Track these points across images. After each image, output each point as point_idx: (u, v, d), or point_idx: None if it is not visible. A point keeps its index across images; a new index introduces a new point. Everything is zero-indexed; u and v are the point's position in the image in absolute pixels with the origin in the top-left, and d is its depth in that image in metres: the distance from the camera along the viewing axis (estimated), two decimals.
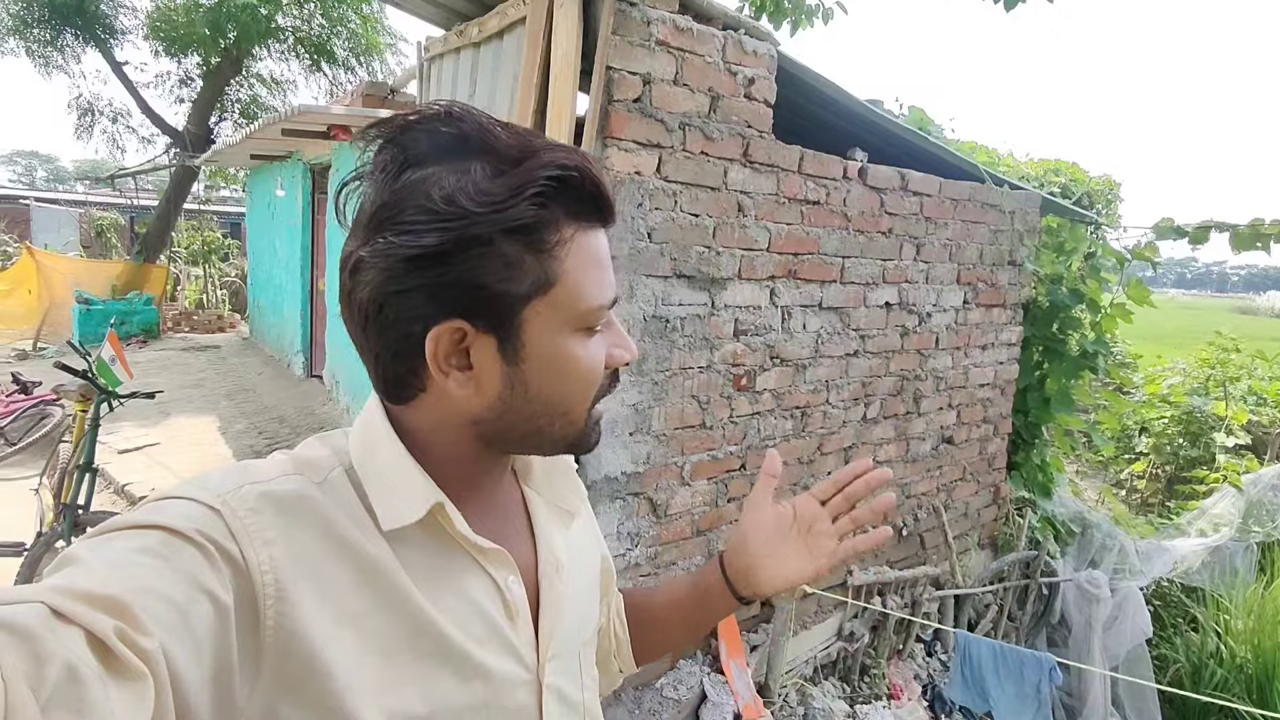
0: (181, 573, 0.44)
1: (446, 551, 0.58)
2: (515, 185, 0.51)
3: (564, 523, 0.70)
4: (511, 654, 0.60)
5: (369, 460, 0.57)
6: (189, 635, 0.43)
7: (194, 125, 10.50)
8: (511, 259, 0.52)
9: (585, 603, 0.71)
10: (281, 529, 0.51)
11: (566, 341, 0.56)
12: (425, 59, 3.37)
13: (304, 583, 0.50)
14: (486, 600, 0.59)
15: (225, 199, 18.36)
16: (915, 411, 3.13)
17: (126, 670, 0.38)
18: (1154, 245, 3.74)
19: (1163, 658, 4.10)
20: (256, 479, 0.53)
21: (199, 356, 8.59)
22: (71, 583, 0.40)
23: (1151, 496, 6.36)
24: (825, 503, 0.76)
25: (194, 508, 0.48)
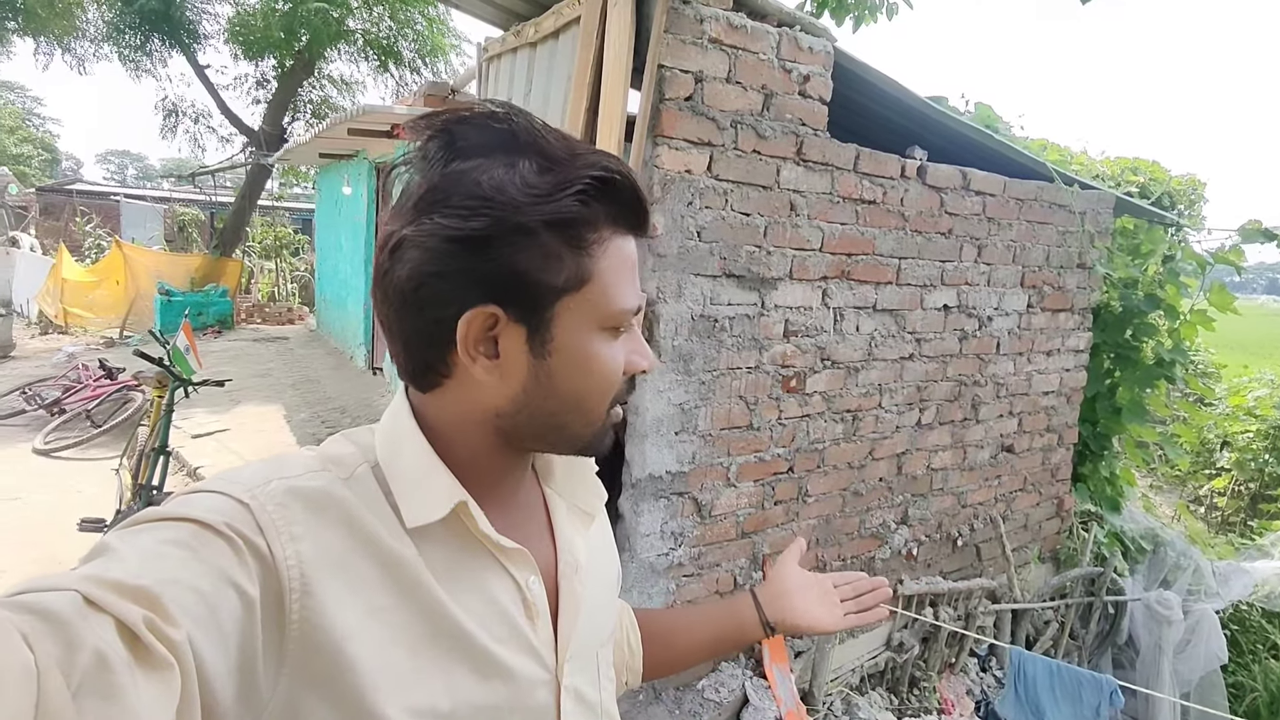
0: (210, 565, 0.45)
1: (469, 550, 0.59)
2: (561, 181, 0.53)
3: (584, 524, 0.71)
4: (531, 654, 0.60)
5: (394, 458, 0.58)
6: (215, 627, 0.43)
7: (269, 125, 10.95)
8: (551, 251, 0.54)
9: (603, 604, 0.72)
10: (308, 524, 0.51)
11: (593, 340, 0.57)
12: (484, 59, 3.43)
13: (329, 578, 0.51)
14: (507, 600, 0.60)
15: (298, 196, 19.09)
16: (974, 418, 3.03)
17: (154, 659, 0.39)
18: (1239, 249, 3.52)
19: (1239, 685, 3.86)
20: (285, 474, 0.54)
21: (268, 347, 8.96)
22: (104, 572, 0.41)
23: (1233, 515, 6.01)
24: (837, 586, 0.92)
25: (224, 501, 0.49)
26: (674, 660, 0.89)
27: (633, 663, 0.86)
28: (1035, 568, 3.47)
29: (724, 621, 0.88)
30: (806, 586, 0.90)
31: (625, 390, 0.62)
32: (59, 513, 4.05)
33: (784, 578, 0.91)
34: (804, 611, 0.87)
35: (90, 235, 13.56)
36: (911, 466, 2.87)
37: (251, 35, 10.06)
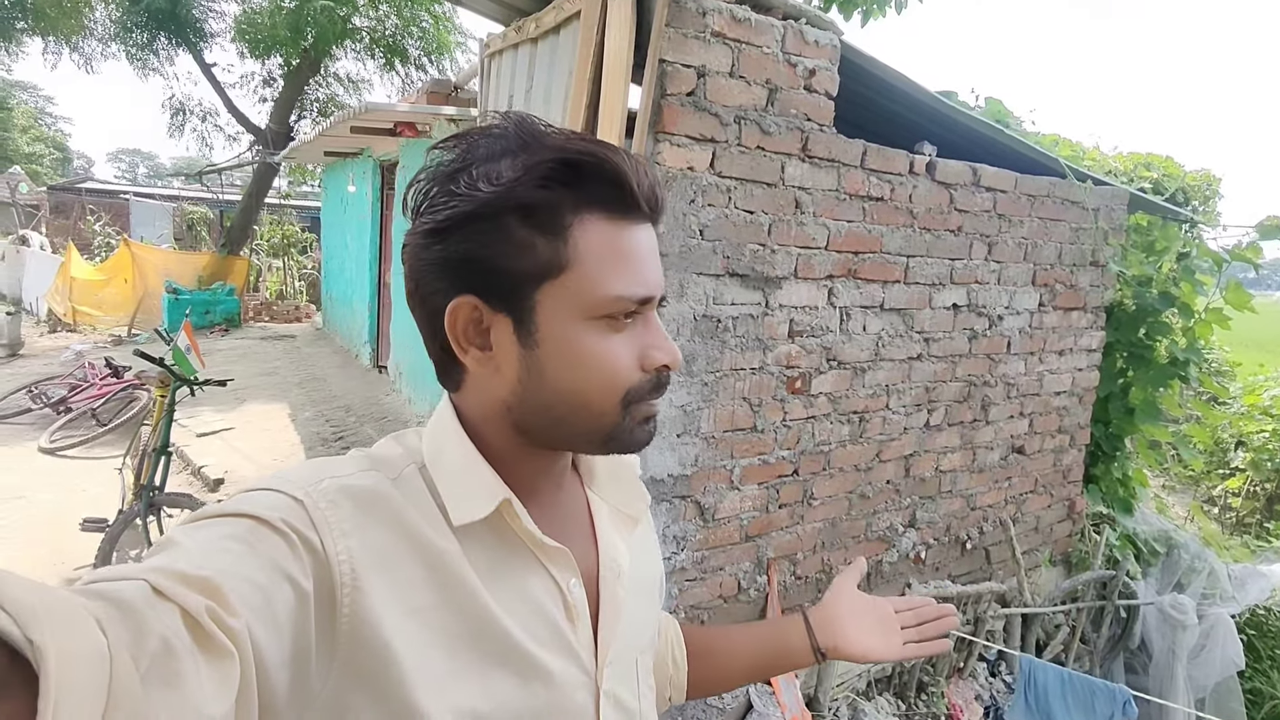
0: (266, 559, 0.47)
1: (511, 550, 0.60)
2: (523, 167, 0.54)
3: (627, 528, 0.71)
4: (571, 656, 0.61)
5: (439, 458, 0.60)
6: (271, 618, 0.45)
7: (275, 123, 10.96)
8: (520, 239, 0.55)
9: (644, 609, 0.71)
10: (357, 522, 0.53)
11: (580, 330, 0.56)
12: (485, 56, 3.39)
13: (376, 574, 0.52)
14: (548, 601, 0.60)
15: (306, 194, 19.14)
16: (983, 419, 2.97)
17: (216, 647, 0.40)
18: (1257, 246, 3.45)
19: (1256, 692, 3.79)
20: (336, 474, 0.55)
21: (275, 346, 8.97)
22: (170, 563, 0.43)
23: (1248, 516, 5.92)
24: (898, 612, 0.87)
25: (280, 498, 0.51)
26: (718, 679, 0.88)
27: (677, 678, 0.86)
28: (1046, 571, 3.41)
29: (772, 643, 0.86)
30: (863, 611, 0.86)
31: (648, 386, 0.60)
32: (63, 512, 4.05)
33: (839, 601, 0.87)
34: (858, 639, 0.84)
35: (100, 234, 13.63)
36: (920, 468, 2.81)
37: (258, 33, 10.06)
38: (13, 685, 0.31)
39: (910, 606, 0.88)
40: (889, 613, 0.86)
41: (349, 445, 5.11)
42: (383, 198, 7.13)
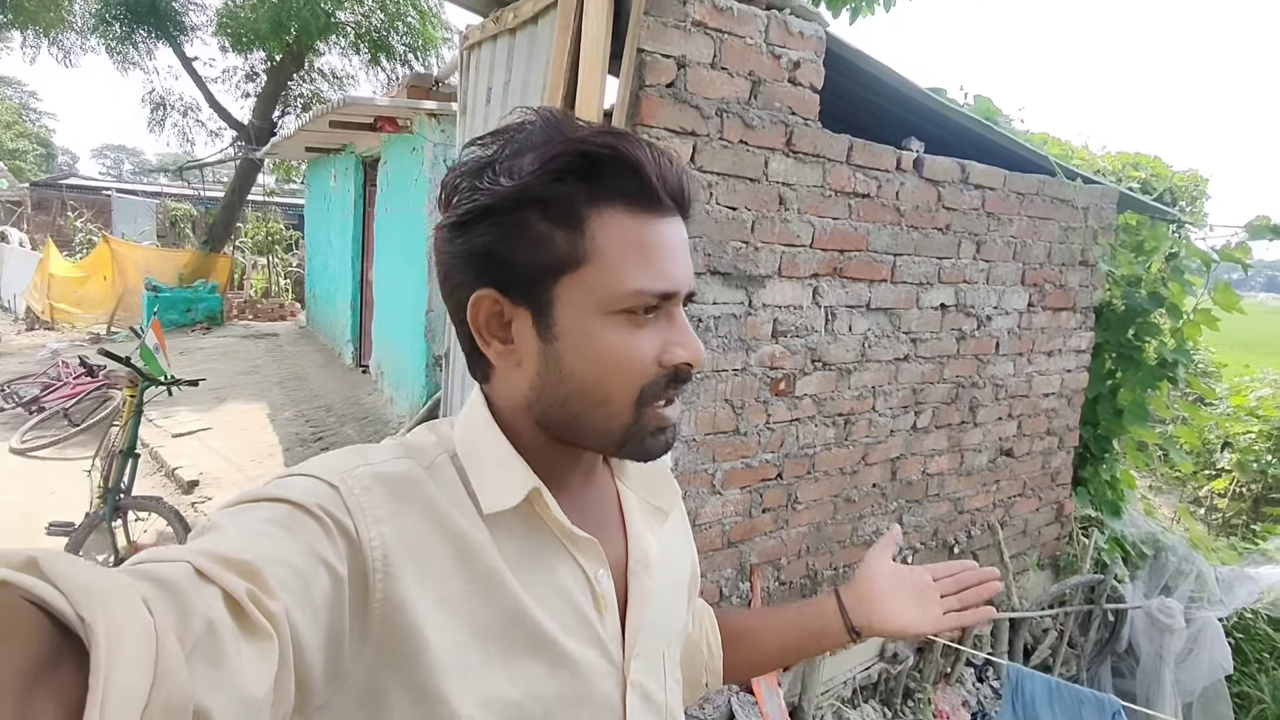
0: (304, 543, 0.47)
1: (540, 540, 0.60)
2: (540, 160, 0.54)
3: (656, 521, 0.71)
4: (598, 646, 0.61)
5: (471, 447, 0.61)
6: (309, 601, 0.46)
7: (258, 119, 10.81)
8: (537, 232, 0.55)
9: (672, 602, 0.71)
10: (390, 509, 0.53)
11: (598, 323, 0.56)
12: (464, 48, 3.31)
13: (408, 561, 0.52)
14: (577, 590, 0.60)
15: (294, 191, 18.96)
16: (971, 421, 2.92)
17: (256, 629, 0.41)
18: (1246, 246, 3.41)
19: (1244, 695, 3.76)
20: (370, 461, 0.56)
21: (257, 344, 8.84)
22: (212, 546, 0.43)
23: (1234, 517, 5.91)
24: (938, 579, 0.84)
25: (316, 484, 0.52)
26: (752, 663, 0.88)
27: (712, 664, 0.86)
28: (1034, 575, 3.37)
29: (804, 624, 0.84)
30: (899, 584, 0.83)
31: (665, 384, 0.58)
32: (33, 514, 3.93)
33: (873, 576, 0.84)
34: (895, 614, 0.81)
35: (80, 230, 13.43)
36: (906, 472, 2.75)
37: (239, 27, 9.91)
38: (65, 661, 0.31)
39: (949, 573, 0.84)
40: (927, 582, 0.83)
41: (328, 446, 5.02)
42: (365, 194, 7.02)
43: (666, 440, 0.61)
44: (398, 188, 5.60)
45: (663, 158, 0.57)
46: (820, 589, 2.56)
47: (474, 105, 3.20)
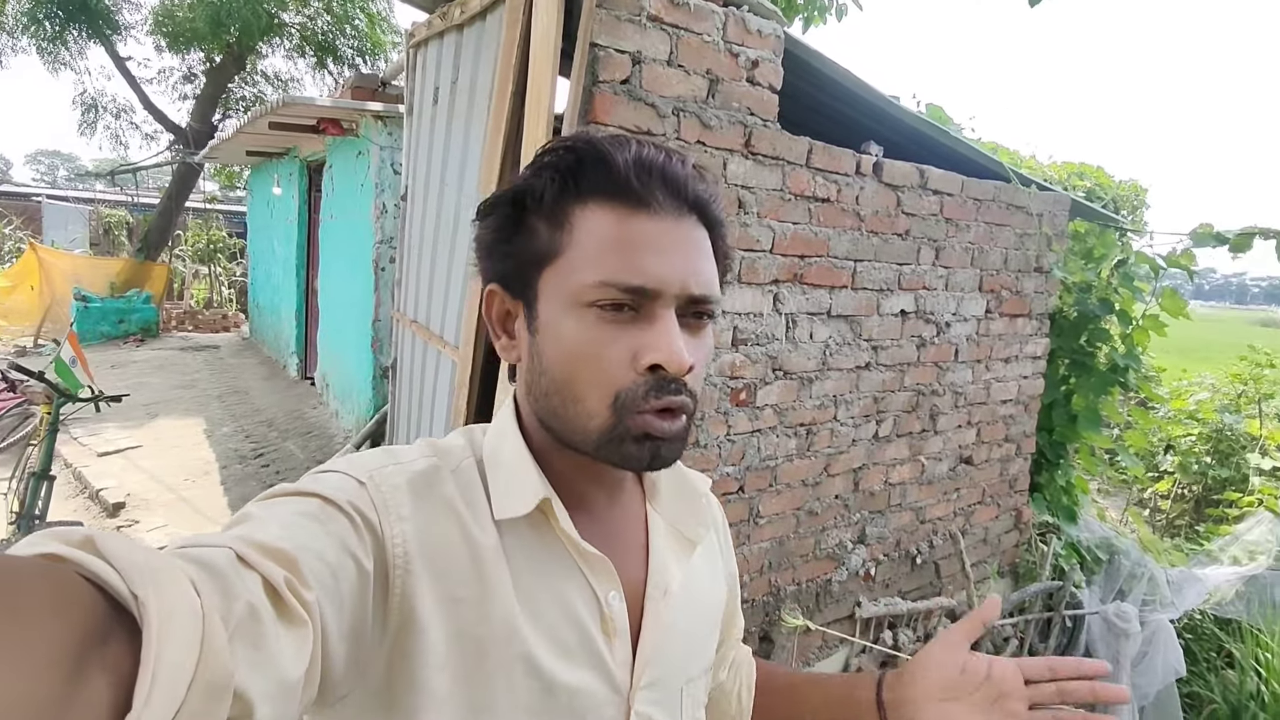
0: (335, 537, 0.49)
1: (552, 553, 0.59)
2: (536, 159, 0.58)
3: (684, 550, 0.68)
4: (600, 670, 0.59)
5: (495, 453, 0.61)
6: (337, 594, 0.47)
7: (197, 122, 10.39)
8: (527, 226, 0.57)
9: (696, 637, 0.68)
10: (414, 507, 0.54)
11: (570, 316, 0.56)
12: (410, 46, 3.17)
13: (426, 560, 0.53)
14: (584, 610, 0.59)
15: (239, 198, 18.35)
16: (932, 429, 2.88)
17: (293, 616, 0.42)
18: (1190, 253, 3.47)
19: (1195, 696, 3.81)
20: (399, 460, 0.57)
21: (196, 356, 8.45)
22: (250, 533, 0.44)
23: (1178, 518, 6.06)
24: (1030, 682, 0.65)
25: (346, 480, 0.53)
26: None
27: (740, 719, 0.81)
28: (995, 583, 3.35)
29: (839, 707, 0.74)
30: (962, 689, 0.64)
31: (642, 389, 0.55)
32: None
33: (928, 668, 0.66)
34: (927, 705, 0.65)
35: (9, 238, 12.73)
36: (869, 482, 2.70)
37: (176, 27, 9.52)
38: (117, 635, 0.32)
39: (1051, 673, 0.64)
40: (1011, 687, 0.63)
41: (269, 463, 4.78)
42: (309, 200, 6.78)
43: (654, 451, 0.56)
44: (343, 193, 5.40)
45: (658, 156, 0.56)
46: (783, 606, 2.48)
47: (421, 106, 3.06)
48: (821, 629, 2.56)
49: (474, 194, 2.37)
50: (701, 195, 0.58)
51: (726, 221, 0.63)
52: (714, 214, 0.60)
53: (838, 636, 2.66)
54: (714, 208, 0.60)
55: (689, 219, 0.58)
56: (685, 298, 0.56)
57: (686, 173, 0.58)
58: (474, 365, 2.29)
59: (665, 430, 0.56)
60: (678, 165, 0.57)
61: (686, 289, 0.56)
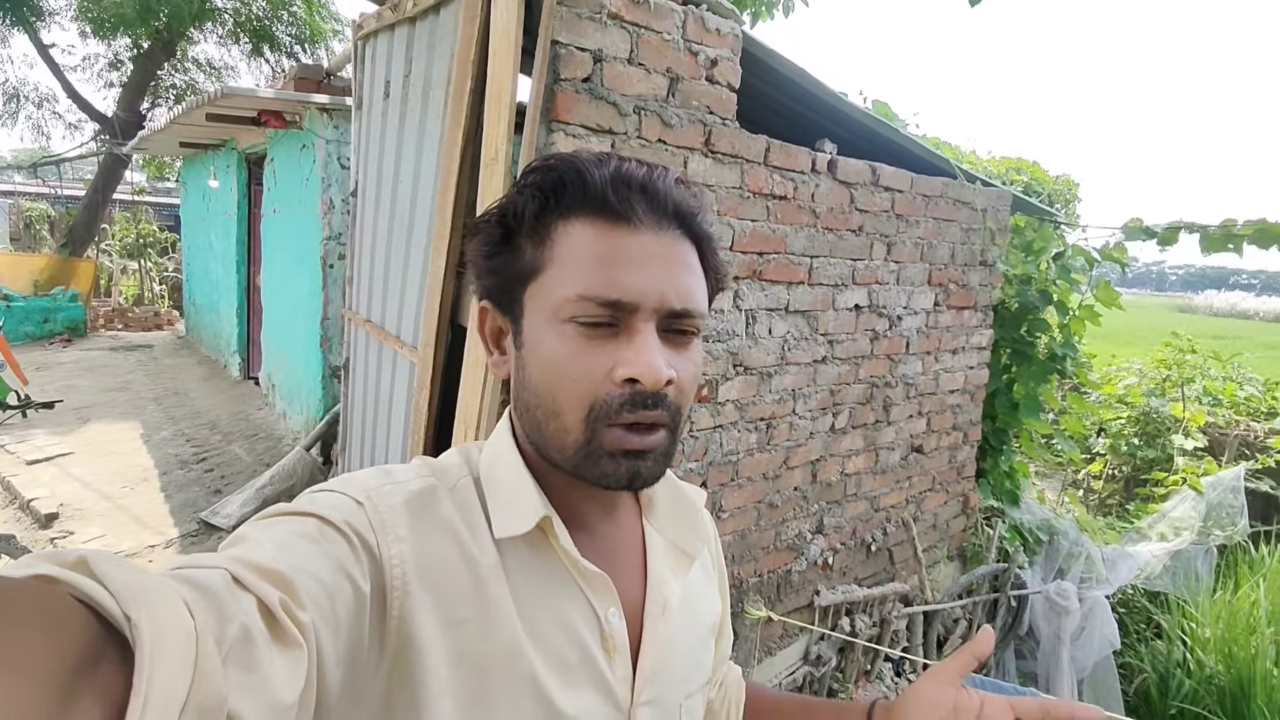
0: (331, 558, 0.48)
1: (552, 572, 0.59)
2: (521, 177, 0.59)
3: (681, 566, 0.68)
4: (601, 688, 0.59)
5: (493, 471, 0.60)
6: (333, 616, 0.46)
7: (124, 111, 9.88)
8: (513, 244, 0.58)
9: (695, 652, 0.68)
10: (411, 527, 0.53)
11: (549, 331, 0.56)
12: (358, 38, 3.09)
13: (425, 581, 0.52)
14: (584, 628, 0.59)
15: (170, 190, 17.55)
16: (885, 420, 2.97)
17: (288, 639, 0.41)
18: (1123, 246, 3.65)
19: (1128, 667, 4.03)
20: (396, 480, 0.56)
21: (128, 357, 8.08)
22: (246, 555, 0.44)
23: (1109, 498, 6.37)
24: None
25: (343, 500, 0.53)
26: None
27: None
28: (944, 567, 3.47)
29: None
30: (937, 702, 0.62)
31: (616, 402, 0.54)
32: None
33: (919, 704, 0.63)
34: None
35: None
36: (826, 473, 2.76)
37: (102, 12, 9.03)
38: (109, 657, 0.32)
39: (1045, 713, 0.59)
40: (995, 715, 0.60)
41: (213, 468, 4.62)
42: (249, 194, 6.54)
43: (632, 470, 0.56)
44: (287, 187, 5.23)
45: (639, 171, 0.57)
46: (746, 598, 2.52)
47: (371, 100, 2.99)
48: (783, 619, 2.62)
49: (430, 191, 2.33)
50: (685, 209, 0.58)
51: (715, 236, 0.63)
52: (699, 228, 0.60)
53: (798, 625, 2.73)
54: (698, 221, 0.60)
55: (671, 233, 0.57)
56: (665, 311, 0.56)
57: (668, 186, 0.57)
58: (435, 367, 2.25)
59: (641, 445, 0.55)
60: (659, 179, 0.57)
61: (666, 303, 0.55)
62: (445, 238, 2.18)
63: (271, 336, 5.83)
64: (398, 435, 2.65)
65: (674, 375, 0.55)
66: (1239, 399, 6.57)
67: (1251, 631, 3.69)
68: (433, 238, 2.27)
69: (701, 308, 0.59)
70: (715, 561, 0.79)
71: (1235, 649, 3.59)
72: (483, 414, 1.91)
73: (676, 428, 0.58)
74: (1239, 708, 3.37)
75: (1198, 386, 6.65)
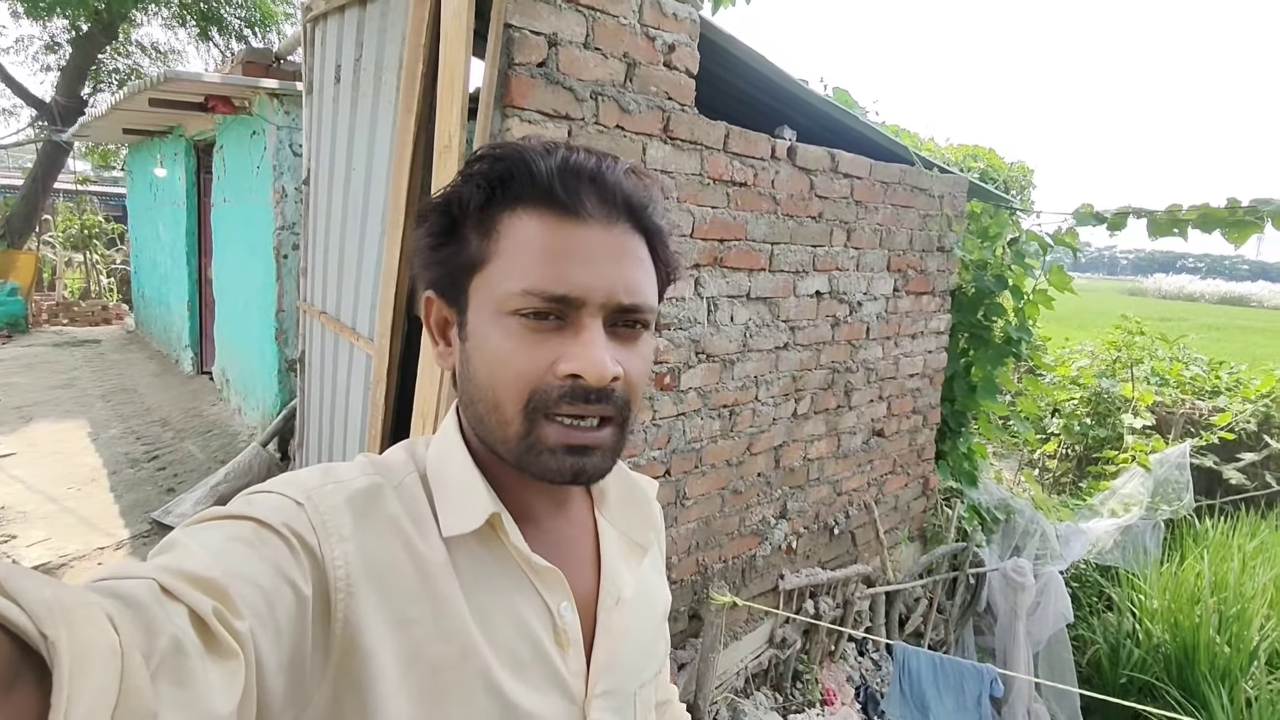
0: (269, 562, 0.47)
1: (503, 568, 0.58)
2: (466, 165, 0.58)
3: (635, 557, 0.68)
4: (556, 684, 0.58)
5: (439, 467, 0.59)
6: (273, 622, 0.45)
7: (63, 96, 9.47)
8: (458, 234, 0.57)
9: (646, 643, 0.68)
10: (355, 528, 0.52)
11: (494, 324, 0.55)
12: (307, 20, 2.99)
13: (371, 581, 0.51)
14: (537, 624, 0.58)
15: (117, 179, 16.91)
16: (846, 405, 3.00)
17: (222, 649, 0.40)
18: (1074, 231, 3.73)
19: (1080, 639, 4.17)
20: (338, 479, 0.55)
21: (73, 353, 7.79)
22: (176, 563, 0.43)
23: (1063, 476, 6.55)
24: None
25: (282, 501, 0.51)
26: None
27: None
28: (905, 548, 3.54)
29: None
30: None
31: (555, 393, 0.54)
32: None
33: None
34: None
35: None
36: (789, 459, 2.79)
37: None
38: (26, 679, 0.31)
39: None
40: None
41: (165, 465, 4.48)
42: (199, 182, 6.32)
43: (576, 466, 0.55)
44: (237, 175, 5.06)
45: (588, 162, 0.55)
46: (711, 584, 2.53)
47: (322, 84, 2.90)
48: (748, 604, 2.64)
49: (384, 178, 2.28)
50: (635, 201, 0.57)
51: (668, 228, 0.62)
52: (650, 221, 0.59)
53: (763, 609, 2.75)
54: (649, 214, 0.58)
55: (620, 225, 0.56)
56: (613, 306, 0.55)
57: (618, 178, 0.56)
58: (391, 358, 2.21)
59: (584, 441, 0.54)
60: (609, 170, 0.56)
61: (614, 298, 0.54)
62: (399, 226, 2.13)
63: (225, 330, 5.67)
64: (355, 429, 2.60)
65: (620, 372, 0.55)
66: (1185, 379, 6.80)
67: (1195, 601, 3.83)
68: (387, 226, 2.22)
69: (651, 302, 0.58)
70: (662, 550, 0.80)
71: (1180, 618, 3.73)
72: (440, 407, 1.87)
73: (625, 422, 0.57)
74: (1183, 674, 3.51)
75: (1146, 367, 6.86)
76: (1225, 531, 4.89)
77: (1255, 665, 3.51)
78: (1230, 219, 2.84)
